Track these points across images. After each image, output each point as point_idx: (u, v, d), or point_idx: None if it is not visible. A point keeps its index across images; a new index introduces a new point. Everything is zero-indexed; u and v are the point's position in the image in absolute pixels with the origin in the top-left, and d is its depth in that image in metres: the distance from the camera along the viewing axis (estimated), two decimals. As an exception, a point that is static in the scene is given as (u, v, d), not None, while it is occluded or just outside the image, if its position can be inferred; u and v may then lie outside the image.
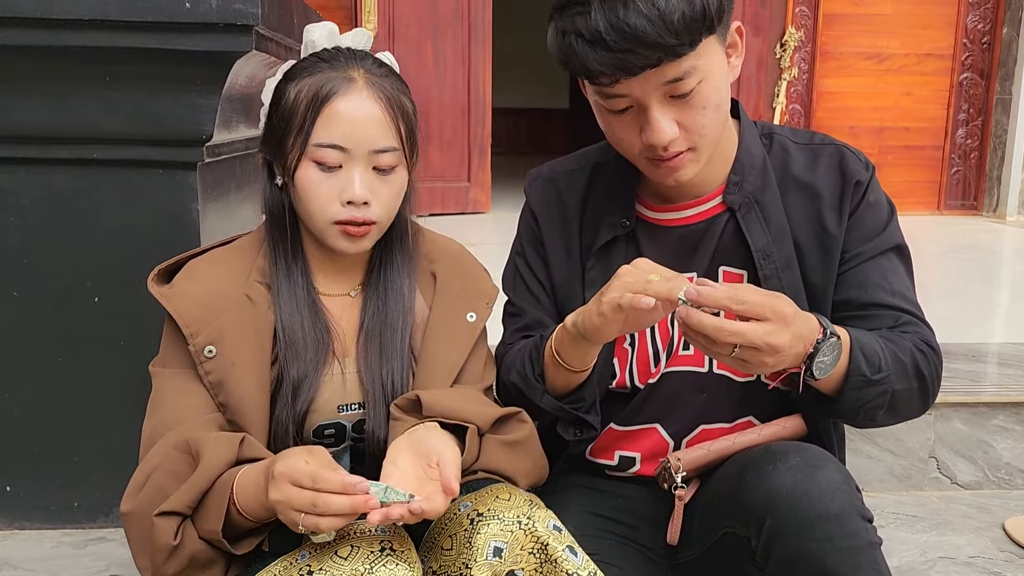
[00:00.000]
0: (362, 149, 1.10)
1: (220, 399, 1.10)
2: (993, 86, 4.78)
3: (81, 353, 1.65)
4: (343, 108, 1.09)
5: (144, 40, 1.45)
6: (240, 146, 1.79)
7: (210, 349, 1.10)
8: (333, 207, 1.10)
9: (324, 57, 1.13)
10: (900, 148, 4.82)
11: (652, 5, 1.02)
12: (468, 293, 1.24)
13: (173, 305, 1.12)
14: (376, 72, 1.13)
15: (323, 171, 1.10)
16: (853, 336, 1.11)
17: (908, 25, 4.72)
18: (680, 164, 1.14)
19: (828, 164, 1.24)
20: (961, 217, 4.83)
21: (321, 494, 0.91)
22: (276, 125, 1.13)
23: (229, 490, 0.99)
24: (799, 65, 4.69)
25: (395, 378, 1.16)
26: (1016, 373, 2.06)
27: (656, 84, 1.07)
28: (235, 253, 1.20)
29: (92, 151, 1.56)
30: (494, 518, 0.99)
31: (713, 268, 1.24)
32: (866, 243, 1.22)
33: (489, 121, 4.30)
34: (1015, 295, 3.19)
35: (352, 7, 4.12)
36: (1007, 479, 1.95)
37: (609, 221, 1.27)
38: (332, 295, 1.21)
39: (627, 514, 1.29)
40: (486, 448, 1.12)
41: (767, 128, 1.28)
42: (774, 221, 1.22)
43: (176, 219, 1.60)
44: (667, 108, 1.10)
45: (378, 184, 1.12)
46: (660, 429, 1.27)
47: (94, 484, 1.69)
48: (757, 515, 1.07)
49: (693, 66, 1.07)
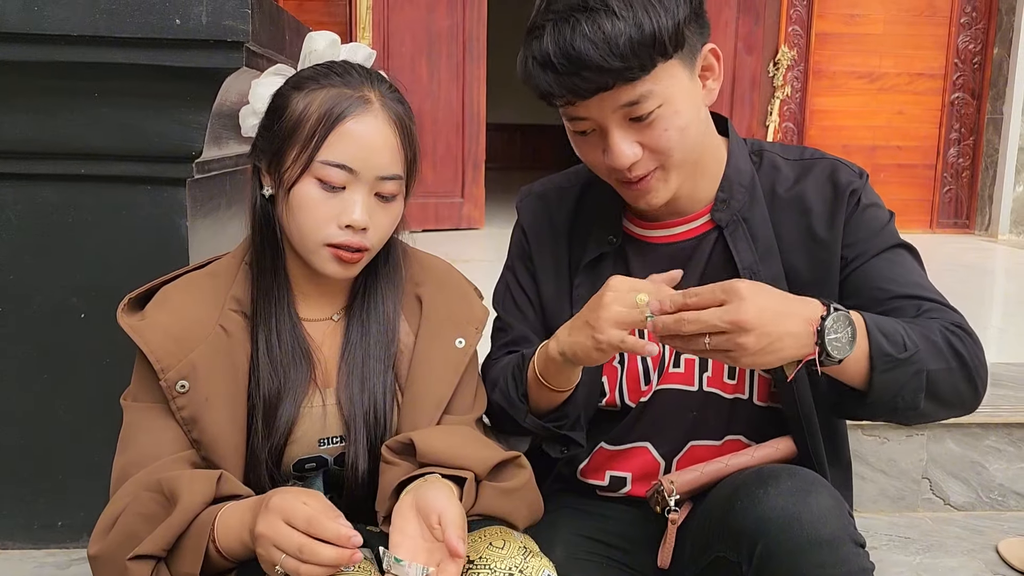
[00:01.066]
0: (370, 174, 1.06)
1: (193, 435, 1.06)
2: (984, 106, 4.81)
3: (66, 370, 1.63)
4: (358, 129, 1.05)
5: (134, 56, 1.45)
6: (230, 162, 1.78)
7: (182, 384, 1.05)
8: (329, 228, 1.06)
9: (336, 71, 1.09)
10: (892, 166, 4.84)
11: (598, 28, 1.02)
12: (456, 317, 1.20)
13: (143, 339, 1.06)
14: (390, 96, 1.10)
15: (325, 190, 1.06)
16: (867, 318, 1.05)
17: (900, 45, 4.75)
18: (648, 187, 1.14)
19: (819, 177, 1.23)
20: (953, 235, 4.85)
21: (309, 541, 0.88)
22: (277, 133, 1.08)
23: (209, 529, 0.96)
24: (792, 84, 4.72)
25: (378, 410, 1.12)
26: (1008, 394, 2.05)
27: (612, 107, 1.08)
28: (209, 279, 1.15)
29: (80, 166, 1.55)
30: (485, 567, 0.96)
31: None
32: (868, 243, 1.19)
33: (483, 137, 4.30)
34: (1008, 314, 3.19)
35: (347, 22, 4.13)
36: (1000, 500, 1.94)
37: (596, 237, 1.27)
38: (314, 320, 1.17)
39: (618, 537, 1.28)
40: (484, 495, 1.08)
41: (757, 145, 1.28)
42: (761, 239, 1.21)
43: (164, 235, 1.58)
44: (627, 131, 1.10)
45: (378, 211, 1.08)
46: (651, 448, 1.27)
47: (78, 503, 1.67)
48: (748, 540, 1.05)
49: (649, 90, 1.07)
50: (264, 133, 1.12)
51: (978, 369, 1.10)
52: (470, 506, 1.06)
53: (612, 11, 1.02)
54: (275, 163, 1.09)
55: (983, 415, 1.92)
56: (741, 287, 0.97)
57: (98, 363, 1.62)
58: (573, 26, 1.03)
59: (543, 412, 1.22)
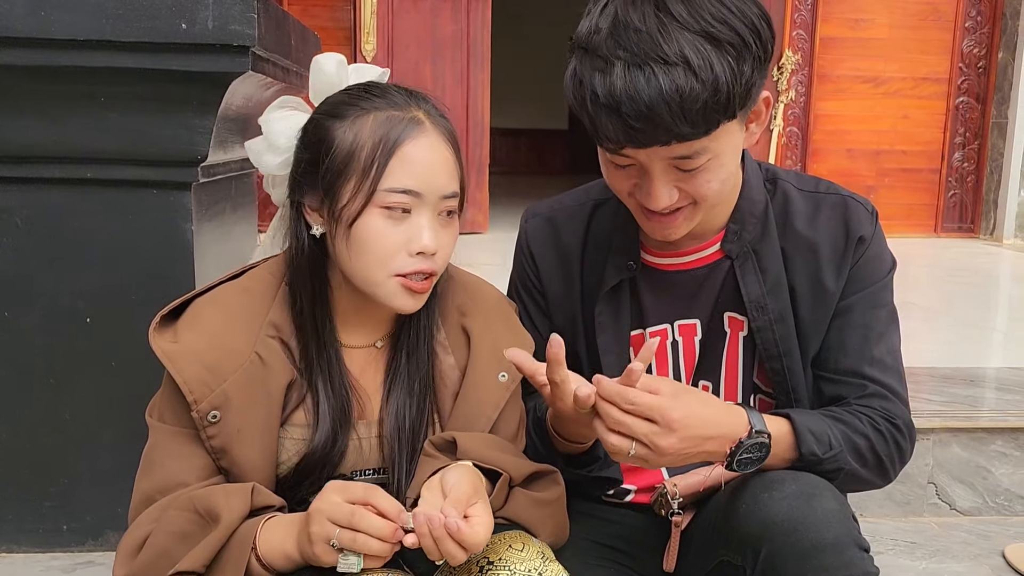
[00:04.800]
0: (434, 195, 1.02)
1: (223, 464, 1.03)
2: (989, 110, 4.80)
3: (72, 374, 1.64)
4: (416, 152, 1.02)
5: (140, 60, 1.45)
6: (236, 166, 1.79)
7: (214, 414, 1.01)
8: (398, 259, 1.02)
9: (375, 93, 1.05)
10: (897, 171, 4.84)
11: (675, 88, 0.96)
12: (500, 351, 1.13)
13: (177, 367, 1.01)
14: (436, 113, 1.06)
15: (391, 219, 1.01)
16: (797, 420, 1.10)
17: (904, 49, 4.75)
18: (674, 221, 1.11)
19: (831, 216, 1.20)
20: (958, 240, 4.84)
21: (360, 508, 0.89)
22: (329, 168, 1.02)
23: (251, 542, 0.95)
24: (796, 88, 4.72)
25: (417, 443, 1.09)
26: (1014, 398, 2.05)
27: (663, 156, 1.04)
28: (245, 298, 1.09)
29: (86, 171, 1.56)
30: (504, 568, 0.96)
31: (718, 313, 1.22)
32: (856, 295, 1.19)
33: (487, 142, 4.31)
34: (1013, 318, 3.18)
35: (352, 28, 4.14)
36: (1006, 505, 1.93)
37: (614, 264, 1.23)
38: (355, 347, 1.12)
39: (624, 541, 1.28)
40: (515, 499, 1.07)
41: (772, 173, 1.24)
42: (771, 272, 1.19)
43: (170, 239, 1.59)
44: (670, 175, 1.06)
45: (442, 232, 1.05)
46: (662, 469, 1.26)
47: (84, 507, 1.67)
48: (753, 544, 1.05)
49: (704, 147, 1.03)
50: (309, 169, 1.05)
51: (893, 466, 1.18)
52: (500, 506, 1.05)
53: (692, 69, 0.96)
54: (328, 200, 1.03)
55: (989, 420, 1.92)
56: (675, 418, 0.99)
57: (104, 366, 1.63)
58: (648, 78, 0.96)
59: (573, 457, 1.20)
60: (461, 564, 0.97)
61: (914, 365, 2.33)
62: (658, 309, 1.23)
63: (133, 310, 1.59)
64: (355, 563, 0.91)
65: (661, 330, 1.23)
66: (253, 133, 1.76)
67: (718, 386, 1.24)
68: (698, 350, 1.24)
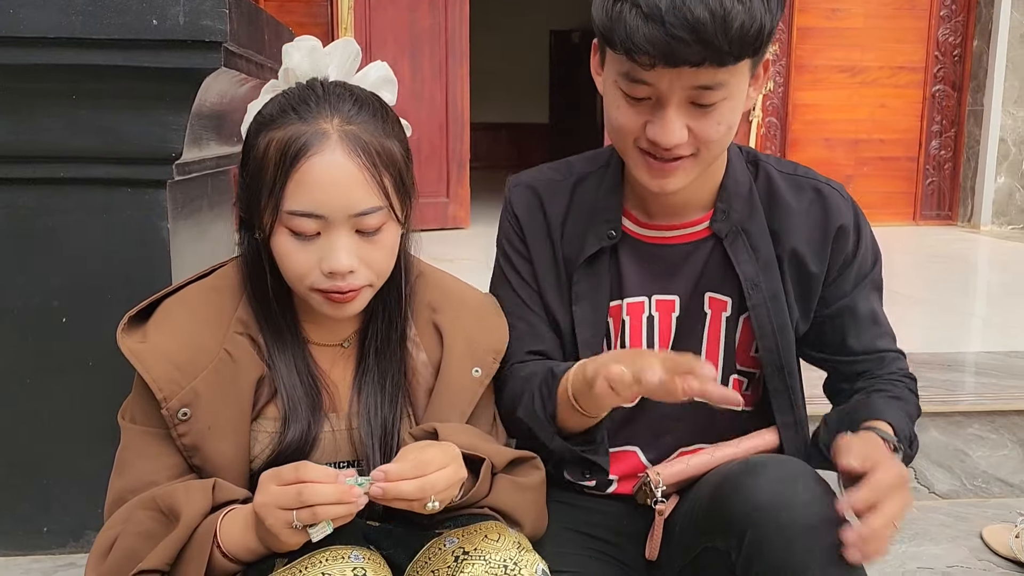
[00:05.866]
0: (341, 215, 0.97)
1: (195, 461, 1.03)
2: (965, 98, 4.85)
3: (49, 375, 1.62)
4: (315, 170, 0.96)
5: (111, 57, 1.44)
6: (211, 163, 1.77)
7: (184, 412, 1.01)
8: (313, 275, 1.00)
9: (294, 102, 1.00)
10: (875, 159, 4.88)
11: (720, 4, 0.99)
12: (474, 345, 1.15)
13: (145, 366, 1.01)
14: (354, 119, 0.99)
15: (300, 240, 0.99)
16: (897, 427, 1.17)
17: (881, 39, 4.79)
18: (674, 170, 1.11)
19: (813, 200, 1.23)
20: (936, 227, 4.89)
21: (307, 484, 0.88)
22: (248, 181, 1.02)
23: (212, 536, 0.95)
24: (775, 78, 4.74)
25: (390, 438, 1.09)
26: (991, 382, 2.08)
27: (686, 84, 1.05)
28: (213, 296, 1.08)
29: (59, 170, 1.54)
30: (480, 558, 0.95)
31: (699, 293, 1.23)
32: (856, 284, 1.25)
33: (467, 137, 4.31)
34: (990, 303, 3.22)
35: (329, 23, 4.12)
36: (984, 487, 1.96)
37: (595, 232, 1.23)
38: (323, 344, 1.12)
39: (606, 530, 1.28)
40: (498, 486, 1.07)
41: (752, 155, 1.27)
42: (762, 251, 1.21)
43: (145, 238, 1.58)
44: (684, 111, 1.07)
45: (365, 248, 1.00)
46: (639, 453, 1.27)
47: (63, 508, 1.66)
48: (737, 529, 1.06)
49: (726, 80, 1.05)
50: (240, 179, 1.05)
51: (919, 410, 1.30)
52: (485, 493, 1.06)
53: None
54: (254, 212, 1.02)
55: (967, 404, 1.94)
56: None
57: (81, 366, 1.62)
58: None
59: (570, 434, 1.18)
60: (437, 553, 0.98)
61: (893, 351, 2.37)
62: (637, 280, 1.24)
63: (109, 309, 1.57)
64: (325, 527, 0.91)
65: (638, 303, 1.24)
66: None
67: None
68: (674, 328, 1.24)
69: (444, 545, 0.98)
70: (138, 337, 1.04)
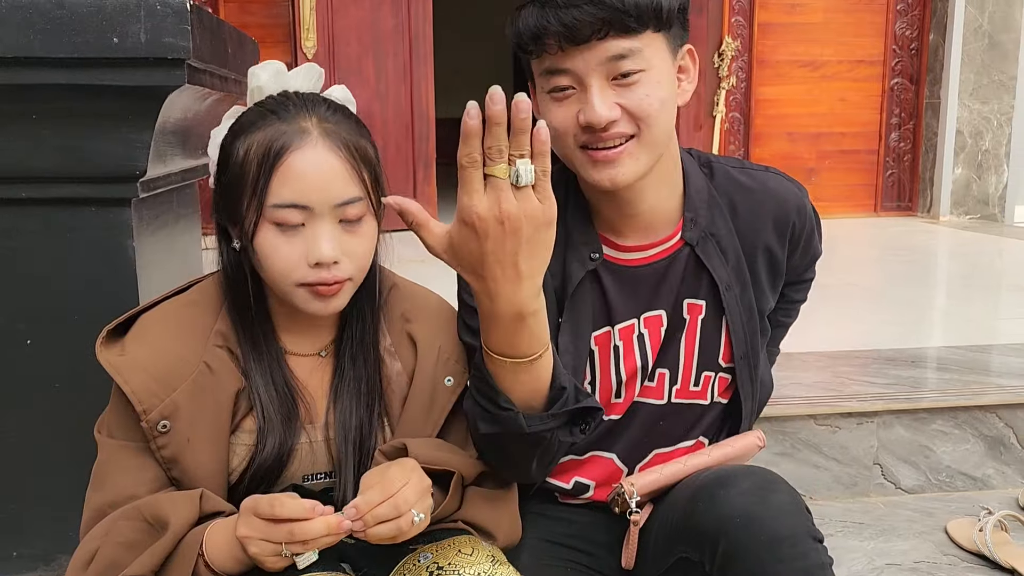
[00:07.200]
0: (325, 205, 1.01)
1: (174, 474, 1.04)
2: (923, 90, 4.93)
3: (15, 397, 1.59)
4: (299, 164, 1.00)
5: (72, 76, 1.41)
6: (176, 178, 1.75)
7: (164, 424, 1.02)
8: (300, 270, 1.02)
9: (271, 107, 1.05)
10: (836, 153, 4.94)
11: None
12: (447, 356, 1.16)
13: (124, 378, 1.02)
14: (331, 119, 1.04)
15: (284, 232, 1.01)
16: None
17: (840, 33, 4.84)
18: (618, 158, 1.12)
19: (769, 187, 1.27)
20: (897, 218, 4.97)
21: (298, 523, 0.91)
22: (227, 187, 1.05)
23: (197, 547, 0.96)
24: (737, 74, 4.78)
25: (365, 447, 1.10)
26: (954, 378, 2.12)
27: (600, 59, 1.08)
28: (191, 310, 1.10)
29: (20, 190, 1.51)
30: (453, 573, 0.97)
31: (679, 303, 1.25)
32: (808, 269, 1.33)
33: (433, 136, 4.29)
34: (950, 296, 3.29)
35: (291, 25, 4.08)
36: (948, 482, 2.00)
37: (577, 259, 1.22)
38: (300, 355, 1.13)
39: (582, 540, 1.29)
40: (470, 500, 1.09)
41: (704, 158, 1.30)
42: (731, 251, 1.24)
43: (111, 257, 1.55)
44: (608, 89, 1.10)
45: (347, 239, 1.03)
46: (615, 458, 1.28)
47: (34, 532, 1.63)
48: (710, 539, 1.08)
49: (638, 48, 1.09)
50: (217, 187, 1.08)
51: None
52: (456, 508, 1.07)
53: None
54: (234, 217, 1.04)
55: (930, 401, 1.99)
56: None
57: (47, 388, 1.59)
58: None
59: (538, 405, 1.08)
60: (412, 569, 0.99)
61: (858, 348, 2.41)
62: (625, 305, 1.25)
63: (74, 331, 1.55)
64: (311, 556, 0.94)
65: (628, 325, 1.25)
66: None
67: (676, 372, 1.26)
68: (662, 339, 1.26)
69: (419, 561, 1.00)
70: (117, 351, 1.05)
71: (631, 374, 1.25)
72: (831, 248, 4.14)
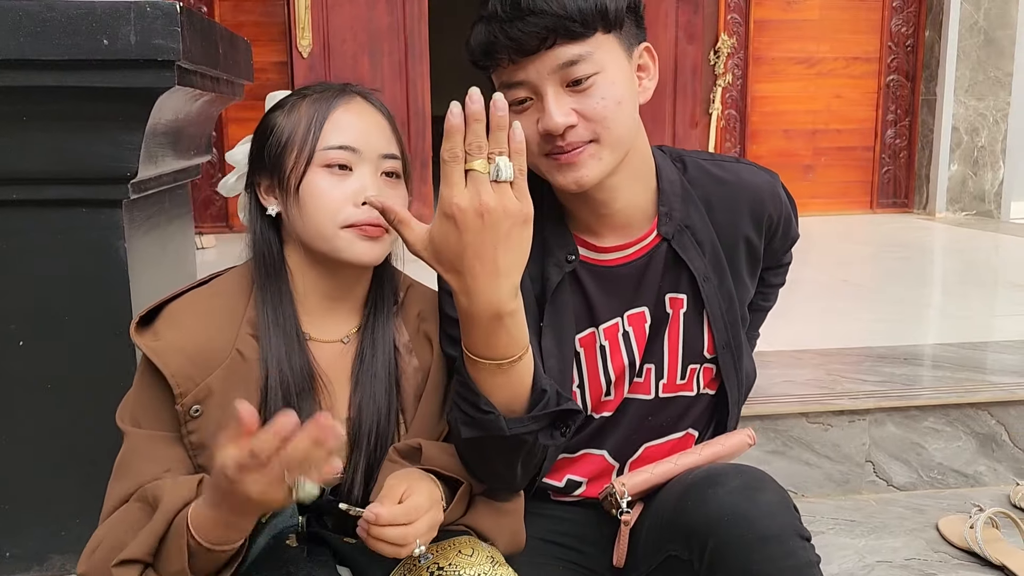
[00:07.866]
0: (372, 152, 1.09)
1: (199, 461, 1.03)
2: (919, 87, 4.93)
3: (7, 398, 1.60)
4: (349, 115, 1.09)
5: (62, 78, 1.42)
6: (168, 179, 1.76)
7: (196, 408, 1.03)
8: (346, 210, 1.06)
9: (312, 88, 1.14)
10: (833, 150, 4.94)
11: None
12: None
13: (164, 361, 1.03)
14: (369, 95, 1.15)
15: (333, 174, 1.07)
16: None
17: (836, 30, 4.84)
18: (580, 160, 1.12)
19: (740, 178, 1.29)
20: (893, 215, 4.97)
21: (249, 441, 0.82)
22: (270, 150, 1.10)
23: (185, 526, 0.94)
24: (733, 71, 4.78)
25: (381, 437, 1.10)
26: (946, 375, 2.13)
27: (551, 67, 1.09)
28: (219, 300, 1.11)
29: (11, 192, 1.52)
30: (454, 573, 0.97)
31: (661, 298, 1.26)
32: (786, 253, 1.39)
33: (429, 134, 4.29)
34: (945, 293, 3.29)
35: (287, 23, 4.08)
36: (940, 479, 2.01)
37: (554, 263, 1.22)
38: (323, 341, 1.13)
39: (573, 538, 1.30)
40: (476, 507, 1.09)
41: (676, 153, 1.30)
42: (707, 242, 1.25)
43: (103, 258, 1.56)
44: (563, 97, 1.11)
45: (387, 191, 1.09)
46: (606, 455, 1.29)
47: (26, 533, 1.64)
48: (700, 538, 1.09)
49: (589, 52, 1.09)
50: (256, 156, 1.13)
51: None
52: (461, 513, 1.08)
53: None
54: (276, 173, 1.10)
55: (922, 399, 1.99)
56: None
57: (40, 389, 1.59)
58: None
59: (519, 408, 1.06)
60: (412, 569, 0.99)
61: (851, 345, 2.41)
62: (608, 305, 1.25)
63: (67, 331, 1.56)
64: (312, 488, 0.86)
65: (613, 325, 1.26)
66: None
67: (661, 367, 1.27)
68: (647, 335, 1.26)
69: (419, 562, 1.00)
70: (150, 336, 1.06)
71: (619, 373, 1.25)
72: (826, 245, 4.17)
